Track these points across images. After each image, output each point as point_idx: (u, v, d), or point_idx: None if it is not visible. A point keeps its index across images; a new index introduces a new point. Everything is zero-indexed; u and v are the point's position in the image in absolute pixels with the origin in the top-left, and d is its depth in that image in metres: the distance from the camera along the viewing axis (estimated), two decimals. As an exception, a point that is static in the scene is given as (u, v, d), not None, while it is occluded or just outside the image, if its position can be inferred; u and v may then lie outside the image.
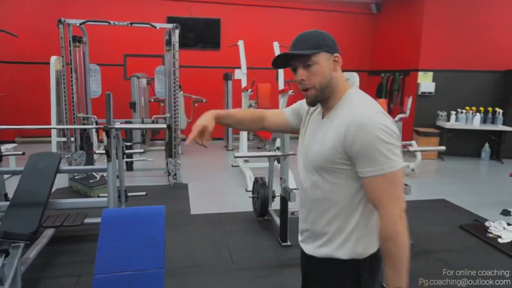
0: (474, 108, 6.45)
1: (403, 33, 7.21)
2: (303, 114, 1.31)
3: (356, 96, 1.12)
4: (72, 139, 4.72)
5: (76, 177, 4.49)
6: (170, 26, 4.67)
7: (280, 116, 1.40)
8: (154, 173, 5.15)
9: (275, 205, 3.46)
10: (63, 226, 3.00)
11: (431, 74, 6.68)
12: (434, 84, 6.66)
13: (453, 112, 6.52)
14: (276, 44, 5.60)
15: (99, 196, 3.77)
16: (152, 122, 5.23)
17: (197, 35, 7.45)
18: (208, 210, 3.87)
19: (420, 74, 6.69)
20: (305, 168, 1.21)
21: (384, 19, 7.94)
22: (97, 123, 4.89)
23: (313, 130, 1.20)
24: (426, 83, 6.67)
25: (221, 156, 6.61)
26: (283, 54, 1.13)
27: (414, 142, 5.42)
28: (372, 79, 8.00)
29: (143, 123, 5.32)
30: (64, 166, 3.09)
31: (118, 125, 2.87)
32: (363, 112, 1.05)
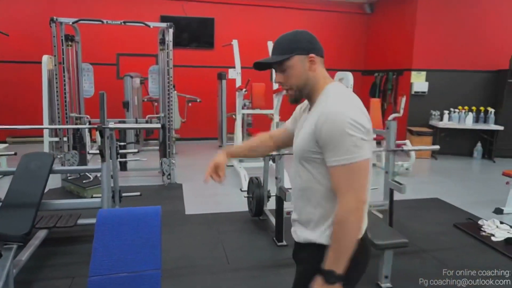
0: (466, 107, 6.51)
1: (397, 33, 7.25)
2: (297, 114, 1.38)
3: (333, 90, 1.18)
4: (64, 139, 4.67)
5: (69, 177, 4.44)
6: (164, 25, 4.65)
7: (283, 130, 1.49)
8: (148, 173, 5.11)
9: (271, 204, 3.46)
10: (56, 227, 2.97)
11: (424, 73, 6.72)
12: (427, 83, 6.71)
13: (446, 112, 6.58)
14: (270, 44, 5.59)
15: (92, 197, 3.74)
16: (146, 122, 5.19)
17: (190, 34, 7.42)
18: (203, 210, 3.85)
19: (413, 73, 6.73)
20: (294, 159, 1.29)
21: (378, 19, 7.98)
22: (90, 123, 4.85)
23: (301, 124, 1.28)
24: (419, 82, 6.72)
25: (215, 156, 6.57)
26: (258, 62, 1.22)
27: (408, 142, 5.45)
28: (366, 78, 8.03)
29: (136, 122, 5.28)
30: (57, 167, 3.06)
31: (113, 125, 2.84)
32: (334, 104, 1.11)
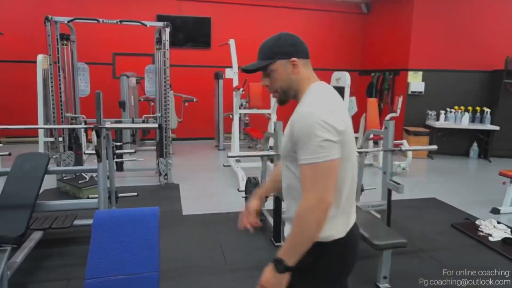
0: (462, 107, 6.53)
1: (393, 32, 7.26)
2: None
3: (314, 90, 1.21)
4: (60, 139, 4.62)
5: (65, 178, 4.40)
6: (160, 24, 4.61)
7: None
8: (145, 173, 5.08)
9: (268, 205, 3.44)
10: (51, 228, 2.92)
11: (420, 73, 6.74)
12: (423, 83, 6.72)
13: (442, 112, 6.60)
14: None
15: (88, 197, 3.70)
16: (143, 122, 5.16)
17: (187, 34, 7.38)
18: (200, 211, 3.83)
19: (410, 73, 6.74)
20: (281, 160, 1.33)
21: (374, 18, 7.99)
22: (86, 123, 4.81)
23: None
24: (416, 82, 6.73)
25: (212, 156, 6.56)
26: (243, 68, 1.30)
27: (405, 141, 5.46)
28: (363, 78, 8.03)
29: (133, 122, 5.24)
30: (53, 167, 3.02)
31: (109, 124, 2.81)
32: (308, 104, 1.16)
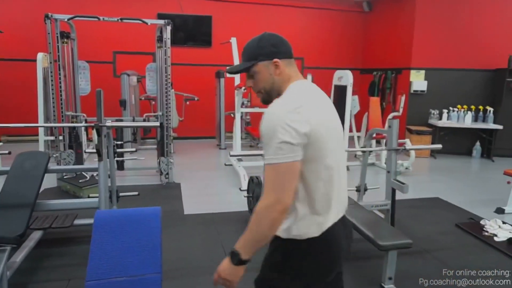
0: (465, 106, 6.49)
1: (395, 31, 7.21)
2: None
3: (290, 89, 1.21)
4: (60, 138, 4.59)
5: (65, 177, 4.37)
6: (161, 22, 4.57)
7: None
8: (146, 172, 5.04)
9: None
10: (51, 228, 2.89)
11: (423, 72, 6.69)
12: (426, 82, 6.68)
13: (445, 111, 6.56)
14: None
15: (89, 197, 3.67)
16: (144, 120, 5.13)
17: (188, 32, 7.34)
18: (202, 210, 3.79)
19: (412, 72, 6.70)
20: None
21: (376, 17, 7.94)
22: (86, 121, 4.78)
23: None
24: (418, 81, 6.69)
25: (213, 155, 6.52)
26: (226, 70, 1.32)
27: (408, 141, 5.42)
28: (365, 77, 7.99)
29: (134, 121, 5.21)
30: (53, 166, 2.99)
31: (110, 123, 2.78)
32: (276, 104, 1.16)
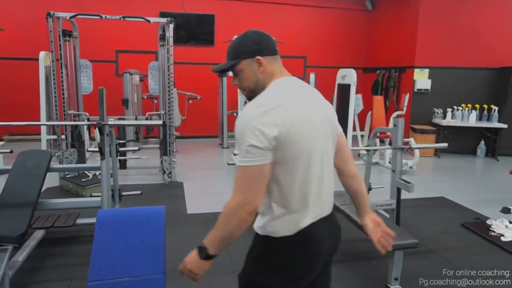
0: (470, 105, 6.44)
1: (399, 30, 7.16)
2: None
3: (268, 89, 1.22)
4: (62, 136, 4.57)
5: (67, 175, 4.35)
6: (164, 20, 4.55)
7: None
8: (149, 171, 5.02)
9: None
10: (54, 227, 2.87)
11: (427, 71, 6.65)
12: (430, 81, 6.63)
13: (449, 110, 6.51)
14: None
15: (91, 196, 3.65)
16: (146, 119, 5.11)
17: (190, 31, 7.32)
18: (205, 210, 3.76)
19: (416, 71, 6.65)
20: None
21: (379, 15, 7.89)
22: (88, 120, 4.76)
23: None
24: (422, 80, 6.64)
25: (216, 154, 6.50)
26: (211, 69, 1.39)
27: (412, 140, 5.38)
28: (368, 76, 7.95)
29: (136, 120, 5.19)
30: (55, 165, 2.96)
31: (112, 121, 2.75)
32: (248, 106, 1.17)
